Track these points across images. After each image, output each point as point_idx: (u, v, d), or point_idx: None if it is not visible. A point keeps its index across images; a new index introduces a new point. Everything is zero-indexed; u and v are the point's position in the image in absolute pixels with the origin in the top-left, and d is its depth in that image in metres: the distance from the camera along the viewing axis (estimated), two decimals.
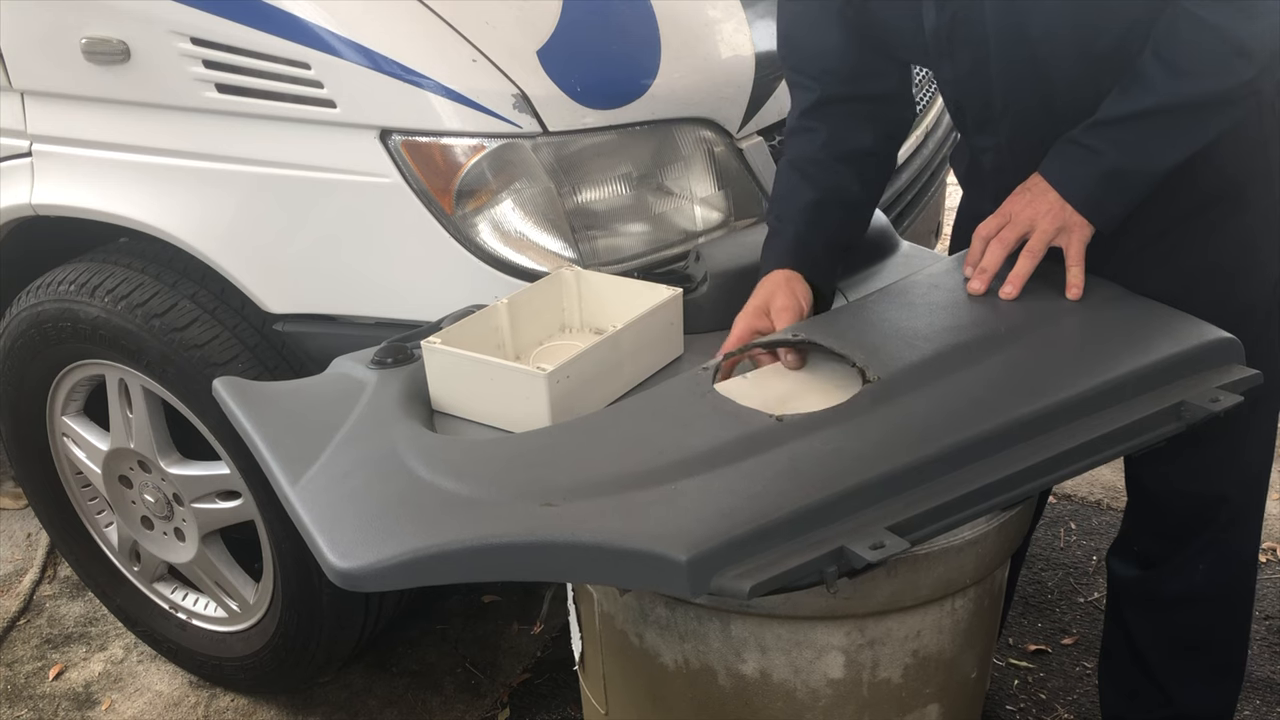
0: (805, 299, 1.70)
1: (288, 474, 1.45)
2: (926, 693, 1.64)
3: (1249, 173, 1.66)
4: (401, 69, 1.83)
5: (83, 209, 2.14)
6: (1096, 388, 1.43)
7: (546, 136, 1.87)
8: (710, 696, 1.62)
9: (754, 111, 2.11)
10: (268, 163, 1.96)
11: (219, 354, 2.07)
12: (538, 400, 1.52)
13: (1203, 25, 1.45)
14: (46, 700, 2.63)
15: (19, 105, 2.17)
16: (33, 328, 2.28)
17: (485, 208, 1.89)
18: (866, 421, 1.41)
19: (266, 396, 1.66)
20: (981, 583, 1.60)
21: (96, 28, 1.99)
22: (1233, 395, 1.44)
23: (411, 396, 1.61)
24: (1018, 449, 1.36)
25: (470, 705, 2.52)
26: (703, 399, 1.51)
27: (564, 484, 1.34)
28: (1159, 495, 1.86)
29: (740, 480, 1.31)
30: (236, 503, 2.25)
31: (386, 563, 1.25)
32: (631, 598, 1.61)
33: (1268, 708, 2.37)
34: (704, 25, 2.13)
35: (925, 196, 2.66)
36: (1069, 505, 3.04)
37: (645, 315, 1.67)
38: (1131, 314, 1.59)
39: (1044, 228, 1.59)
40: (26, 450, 2.57)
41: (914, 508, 1.28)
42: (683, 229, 2.02)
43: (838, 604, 1.48)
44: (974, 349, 1.53)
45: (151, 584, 2.62)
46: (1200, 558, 1.86)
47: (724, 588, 1.19)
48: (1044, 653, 2.56)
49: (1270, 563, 2.79)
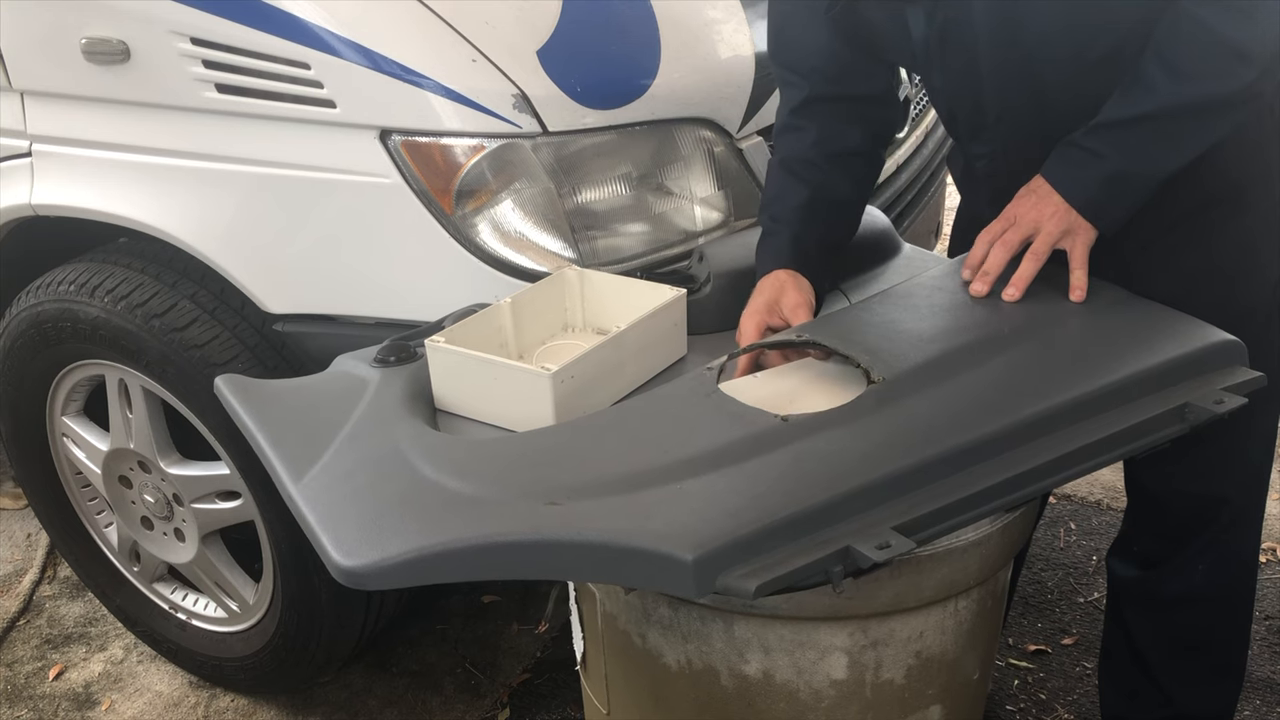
0: (812, 295, 1.71)
1: (291, 472, 1.44)
2: (929, 694, 1.64)
3: (1249, 175, 1.66)
4: (401, 69, 1.83)
5: (82, 209, 2.14)
6: (1100, 389, 1.43)
7: (546, 136, 1.87)
8: (713, 697, 1.62)
9: (754, 111, 2.11)
10: (267, 163, 1.96)
11: (219, 354, 2.06)
12: (542, 400, 1.52)
13: (1203, 28, 1.45)
14: (46, 700, 2.63)
15: (19, 105, 2.17)
16: (33, 328, 2.27)
17: (485, 208, 1.89)
18: (872, 422, 1.41)
19: (269, 395, 1.66)
20: (985, 584, 1.60)
21: (96, 28, 1.99)
22: (1236, 397, 1.45)
23: (414, 395, 1.61)
24: (1022, 450, 1.36)
25: (470, 705, 2.52)
26: (708, 399, 1.51)
27: (568, 483, 1.34)
28: (1159, 496, 1.86)
29: (745, 480, 1.31)
30: (236, 503, 2.25)
31: (391, 561, 1.25)
32: (634, 598, 1.61)
33: (1268, 708, 2.37)
34: (704, 25, 2.13)
35: (925, 197, 2.66)
36: (1069, 505, 3.04)
37: (649, 316, 1.67)
38: (1135, 316, 1.59)
39: (1049, 230, 1.59)
40: (26, 450, 2.56)
41: (919, 508, 1.28)
42: (683, 229, 2.02)
43: (841, 605, 1.48)
44: (978, 351, 1.53)
45: (151, 584, 2.62)
46: (1200, 558, 1.86)
47: (729, 587, 1.18)
48: (1044, 653, 2.56)
49: (1270, 563, 2.79)
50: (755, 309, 1.69)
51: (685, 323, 1.76)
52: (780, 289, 1.70)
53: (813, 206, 1.76)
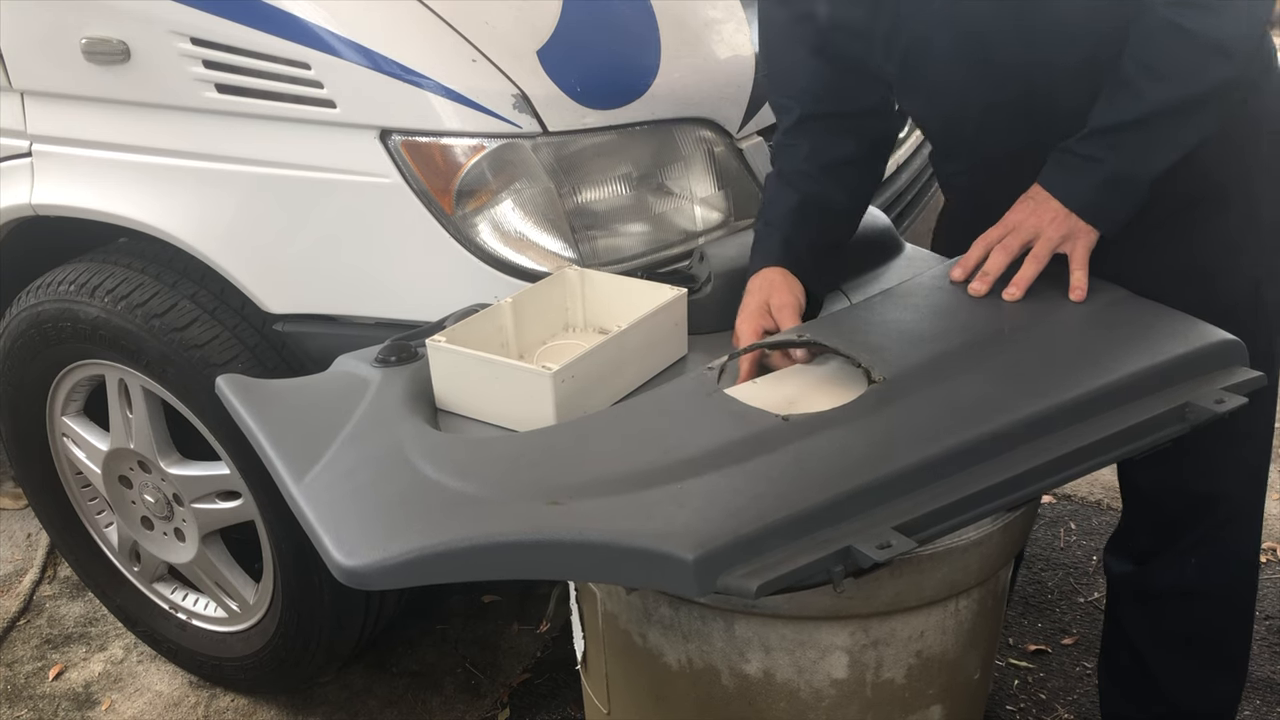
0: (800, 295, 1.72)
1: (292, 472, 1.44)
2: (930, 693, 1.64)
3: (1230, 174, 1.67)
4: (401, 69, 1.83)
5: (83, 209, 2.14)
6: (1101, 389, 1.43)
7: (546, 136, 1.87)
8: (713, 696, 1.62)
9: (754, 111, 2.11)
10: (268, 163, 1.96)
11: (219, 354, 2.06)
12: (543, 399, 1.52)
13: (1178, 30, 1.49)
14: (46, 700, 2.63)
15: (19, 105, 2.17)
16: (33, 328, 2.27)
17: (485, 208, 1.89)
18: (873, 421, 1.41)
19: (270, 394, 1.65)
20: (985, 583, 1.60)
21: (96, 28, 1.99)
22: (1237, 397, 1.45)
23: (415, 395, 1.61)
24: (1023, 450, 1.36)
25: (470, 705, 2.52)
26: (709, 398, 1.51)
27: (569, 482, 1.34)
28: (1153, 493, 1.87)
29: (747, 480, 1.31)
30: (236, 503, 2.25)
31: (392, 561, 1.25)
32: (635, 597, 1.61)
33: (1268, 708, 2.37)
34: (704, 25, 2.13)
35: (925, 196, 2.66)
36: (1069, 505, 3.05)
37: (650, 315, 1.67)
38: (1135, 316, 1.59)
39: (1049, 234, 1.61)
40: (26, 450, 2.56)
41: (920, 508, 1.28)
42: (683, 229, 2.02)
43: (842, 604, 1.49)
44: (979, 350, 1.53)
45: (151, 584, 2.62)
46: (1193, 552, 1.87)
47: (730, 587, 1.18)
48: (1044, 653, 2.56)
49: (1270, 563, 2.79)
50: (750, 312, 1.70)
51: (686, 322, 1.76)
52: (770, 289, 1.71)
53: (803, 210, 1.79)
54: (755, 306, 1.70)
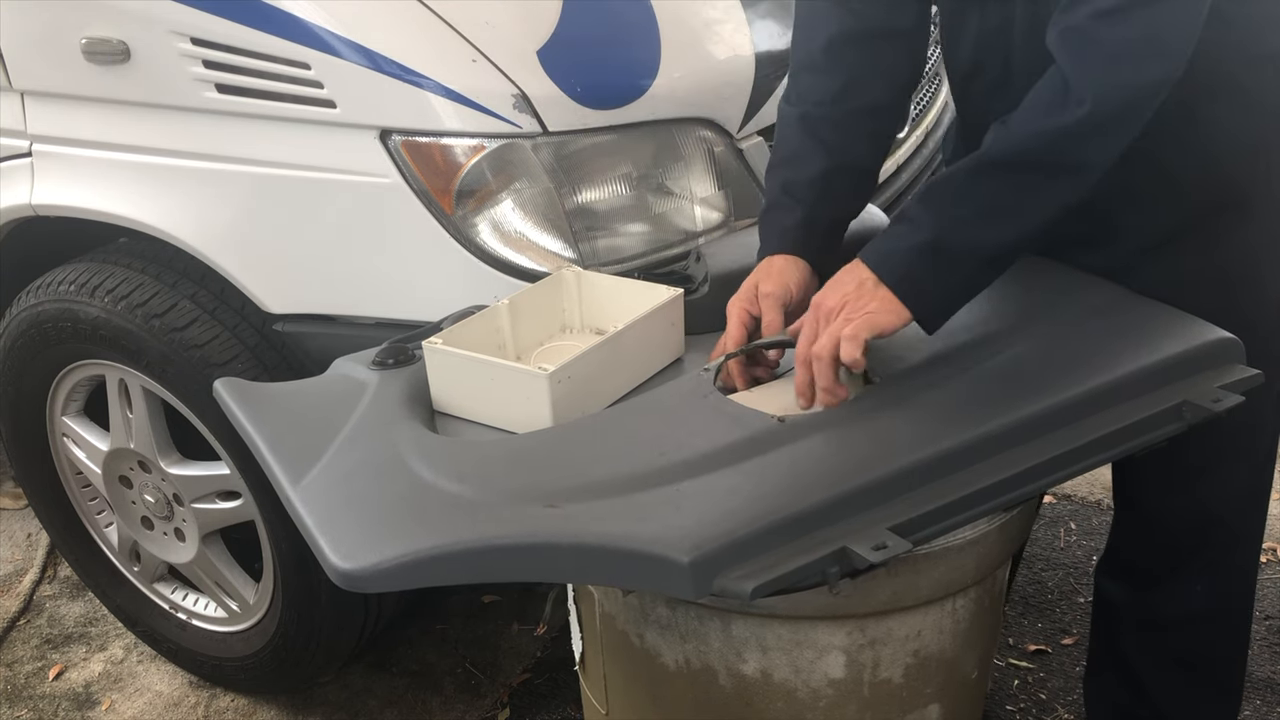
0: (797, 285, 1.63)
1: (289, 475, 1.44)
2: (927, 693, 1.64)
3: (1254, 180, 1.60)
4: (401, 69, 1.83)
5: (83, 209, 2.14)
6: (1098, 388, 1.42)
7: (546, 137, 1.87)
8: (711, 696, 1.62)
9: (754, 111, 2.11)
10: (268, 163, 1.96)
11: (219, 354, 2.06)
12: (539, 401, 1.52)
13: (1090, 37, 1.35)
14: (46, 700, 2.63)
15: (19, 105, 2.17)
16: (33, 328, 2.28)
17: (485, 208, 1.89)
18: (868, 422, 1.41)
19: (267, 397, 1.66)
20: (982, 583, 1.60)
21: (96, 28, 1.99)
22: (1234, 395, 1.44)
23: (413, 397, 1.61)
24: (1019, 449, 1.36)
25: (470, 705, 2.52)
26: (705, 400, 1.51)
27: (566, 485, 1.34)
28: (1158, 514, 1.81)
29: (742, 481, 1.31)
30: (236, 503, 2.25)
31: (389, 564, 1.25)
32: (633, 598, 1.61)
33: (1268, 708, 2.37)
34: (704, 25, 2.13)
35: None
36: (1069, 505, 3.04)
37: (646, 316, 1.66)
38: (1132, 314, 1.58)
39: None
40: (26, 450, 2.57)
41: (916, 508, 1.28)
42: (683, 229, 2.02)
43: (839, 604, 1.49)
44: (975, 350, 1.53)
45: (151, 584, 2.62)
46: (1198, 579, 1.81)
47: (726, 589, 1.18)
48: (1044, 653, 2.56)
49: (1270, 563, 2.79)
50: (742, 294, 1.63)
51: (683, 323, 1.76)
52: (762, 274, 1.63)
53: (830, 177, 1.65)
54: (747, 288, 1.63)
